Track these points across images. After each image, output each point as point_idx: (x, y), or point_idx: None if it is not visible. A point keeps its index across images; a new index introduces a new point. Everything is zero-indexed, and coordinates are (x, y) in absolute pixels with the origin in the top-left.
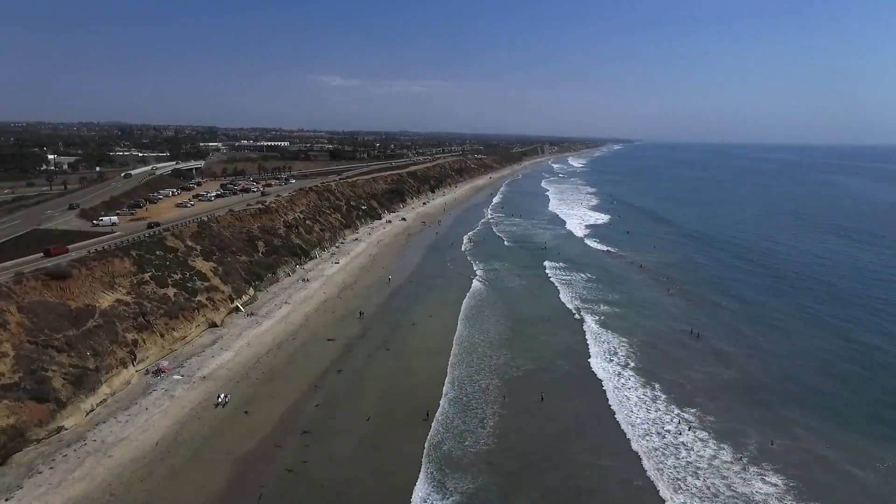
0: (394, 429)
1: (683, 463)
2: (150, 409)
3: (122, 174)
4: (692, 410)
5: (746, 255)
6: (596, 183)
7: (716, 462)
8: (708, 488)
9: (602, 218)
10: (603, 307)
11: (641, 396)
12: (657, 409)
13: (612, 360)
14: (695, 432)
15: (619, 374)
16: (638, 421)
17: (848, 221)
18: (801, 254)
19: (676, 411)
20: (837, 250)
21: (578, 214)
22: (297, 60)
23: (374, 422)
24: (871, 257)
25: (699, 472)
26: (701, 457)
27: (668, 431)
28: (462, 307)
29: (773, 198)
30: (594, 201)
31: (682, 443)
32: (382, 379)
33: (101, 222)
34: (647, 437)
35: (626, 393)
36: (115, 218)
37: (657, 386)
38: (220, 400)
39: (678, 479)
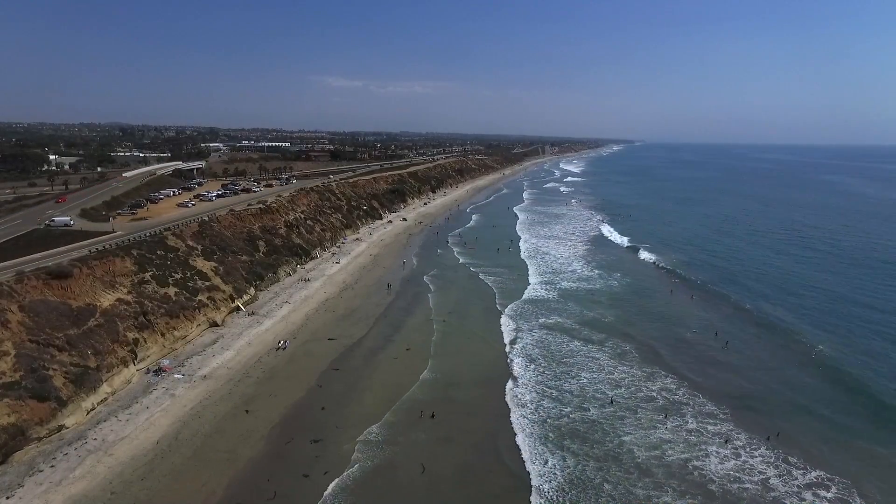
0: (395, 427)
1: None
2: (151, 408)
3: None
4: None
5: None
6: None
7: None
8: None
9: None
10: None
11: None
12: None
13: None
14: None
15: None
16: None
17: (846, 219)
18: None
19: None
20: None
21: None
22: (300, 61)
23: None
24: (869, 254)
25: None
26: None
27: None
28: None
29: (771, 197)
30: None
31: None
32: (384, 377)
33: (53, 222)
34: None
35: None
36: (67, 218)
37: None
38: (280, 344)
39: None
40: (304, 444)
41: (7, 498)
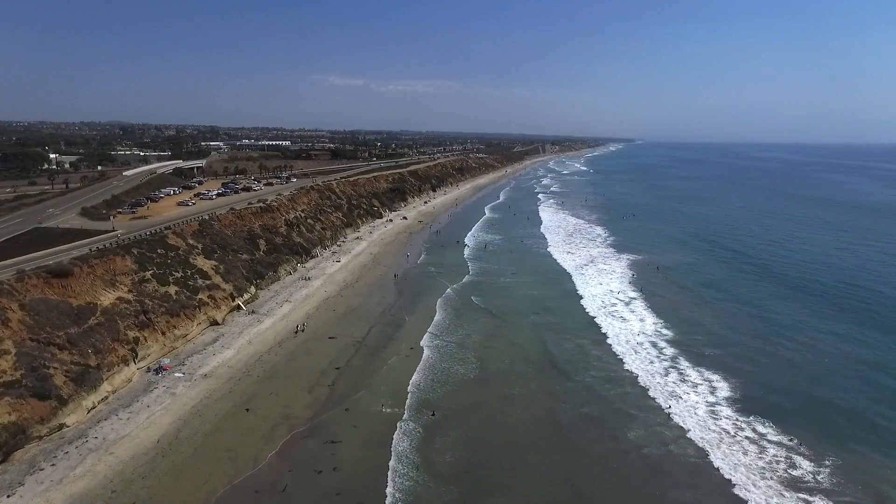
0: (394, 425)
1: None
2: (152, 407)
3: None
4: None
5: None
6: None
7: None
8: None
9: None
10: None
11: None
12: None
13: None
14: None
15: None
16: None
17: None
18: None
19: None
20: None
21: None
22: (301, 60)
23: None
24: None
25: None
26: None
27: None
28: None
29: (771, 196)
30: None
31: None
32: (385, 376)
33: None
34: None
35: None
36: None
37: None
38: (298, 328)
39: None
40: (305, 442)
41: (8, 496)
